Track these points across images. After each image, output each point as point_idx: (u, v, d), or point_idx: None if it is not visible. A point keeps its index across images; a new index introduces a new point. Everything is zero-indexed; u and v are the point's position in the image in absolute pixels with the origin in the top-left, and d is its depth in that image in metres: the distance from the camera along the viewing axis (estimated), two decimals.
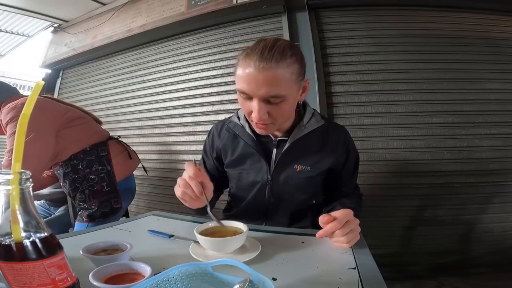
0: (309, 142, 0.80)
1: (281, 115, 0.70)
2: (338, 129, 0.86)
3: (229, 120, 0.89)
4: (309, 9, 1.84)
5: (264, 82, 0.62)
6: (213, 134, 0.93)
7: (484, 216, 1.64)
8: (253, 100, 0.66)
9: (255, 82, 0.62)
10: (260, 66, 0.61)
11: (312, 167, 0.80)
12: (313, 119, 0.82)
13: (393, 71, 1.74)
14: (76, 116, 1.31)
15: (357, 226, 0.60)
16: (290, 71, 0.64)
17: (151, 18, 2.31)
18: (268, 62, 0.61)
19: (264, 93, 0.63)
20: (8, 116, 1.16)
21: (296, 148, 0.80)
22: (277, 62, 0.62)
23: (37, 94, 0.35)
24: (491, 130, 1.67)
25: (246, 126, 0.83)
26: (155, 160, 2.28)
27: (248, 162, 0.84)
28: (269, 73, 0.61)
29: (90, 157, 1.28)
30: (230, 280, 0.39)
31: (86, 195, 1.27)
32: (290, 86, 0.66)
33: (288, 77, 0.64)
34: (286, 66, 0.63)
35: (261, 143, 0.83)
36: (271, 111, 0.67)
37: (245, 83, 0.64)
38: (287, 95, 0.65)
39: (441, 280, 1.57)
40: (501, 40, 1.75)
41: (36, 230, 0.32)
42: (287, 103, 0.68)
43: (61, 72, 2.99)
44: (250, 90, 0.64)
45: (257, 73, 0.61)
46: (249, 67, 0.63)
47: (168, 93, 2.25)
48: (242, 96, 0.67)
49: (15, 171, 0.32)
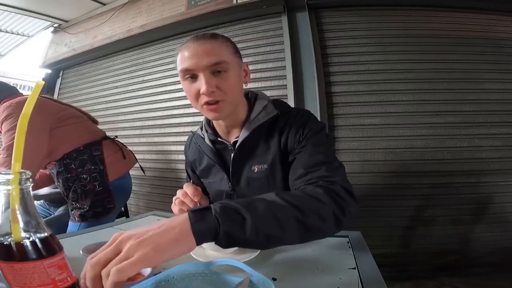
0: (259, 138, 0.74)
1: (230, 88, 0.69)
2: (289, 112, 0.76)
3: (195, 132, 0.90)
4: (309, 9, 1.84)
5: (204, 52, 0.66)
6: (186, 148, 0.95)
7: (484, 216, 1.64)
8: (198, 77, 0.67)
9: (196, 55, 0.66)
10: (198, 42, 0.67)
11: (270, 164, 0.73)
12: (263, 112, 0.75)
13: (393, 71, 1.74)
14: (70, 115, 1.30)
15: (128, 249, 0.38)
16: (225, 45, 0.69)
17: (151, 18, 2.32)
18: (204, 39, 0.68)
19: (207, 62, 0.66)
20: (4, 114, 1.16)
21: (247, 148, 0.75)
22: (211, 38, 0.68)
23: (37, 94, 0.35)
24: (491, 130, 1.66)
25: (205, 135, 0.82)
26: (155, 160, 2.28)
27: (212, 173, 0.83)
28: (208, 45, 0.67)
29: (83, 156, 1.28)
30: (230, 280, 0.39)
31: (78, 195, 1.26)
32: (230, 57, 0.69)
33: (225, 48, 0.69)
34: (220, 42, 0.69)
35: (219, 151, 0.81)
36: (218, 84, 0.67)
37: (187, 60, 0.67)
38: (229, 63, 0.68)
39: (441, 280, 1.57)
40: (501, 40, 1.75)
41: (36, 230, 0.32)
42: (232, 74, 0.69)
43: (61, 72, 2.99)
44: (193, 64, 0.66)
45: (196, 47, 0.67)
46: (188, 48, 0.67)
47: (168, 93, 2.25)
48: (188, 79, 0.69)
49: (15, 171, 0.32)
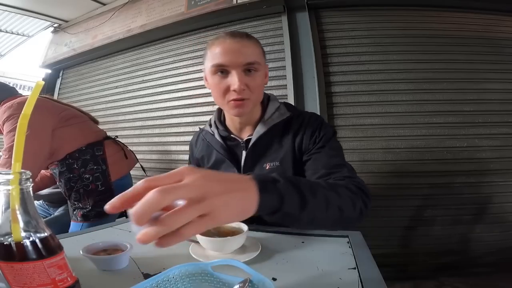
0: (273, 137, 0.77)
1: (256, 88, 0.72)
2: (302, 114, 0.80)
3: (203, 129, 0.90)
4: (309, 9, 1.84)
5: (242, 50, 0.67)
6: (192, 145, 0.95)
7: (484, 216, 1.64)
8: (230, 74, 0.69)
9: (233, 52, 0.67)
10: (235, 40, 0.68)
11: (281, 162, 0.76)
12: (276, 113, 0.79)
13: (393, 71, 1.74)
14: (71, 115, 1.30)
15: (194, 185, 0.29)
16: (258, 46, 0.73)
17: (151, 18, 2.31)
18: (240, 37, 0.69)
19: (243, 60, 0.67)
20: (5, 115, 1.16)
21: (261, 146, 0.77)
22: (247, 37, 0.71)
23: (37, 94, 0.35)
24: (491, 130, 1.66)
25: (216, 132, 0.83)
26: (155, 160, 2.28)
27: (221, 168, 0.83)
28: (245, 43, 0.69)
29: (85, 156, 1.28)
30: (230, 280, 0.39)
31: (80, 195, 1.26)
32: (260, 58, 0.72)
33: (258, 50, 0.72)
34: (254, 43, 0.72)
35: (230, 148, 0.81)
36: (248, 83, 0.69)
37: (222, 56, 0.67)
38: (260, 64, 0.71)
39: (441, 280, 1.58)
40: (501, 40, 1.75)
41: (36, 230, 0.32)
42: (260, 75, 0.72)
43: (61, 72, 2.99)
44: (229, 60, 0.67)
45: (233, 43, 0.67)
46: (224, 43, 0.68)
47: (168, 93, 2.25)
48: (218, 74, 0.70)
49: (15, 171, 0.32)
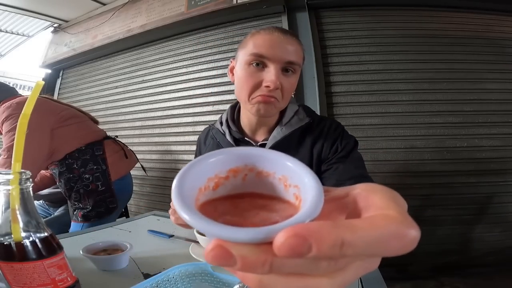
0: (290, 143, 0.73)
1: (287, 92, 0.68)
2: (323, 120, 0.75)
3: (213, 126, 0.87)
4: (309, 9, 1.84)
5: (287, 47, 0.63)
6: (200, 142, 0.91)
7: (484, 216, 1.64)
8: (267, 68, 0.64)
9: (278, 46, 0.63)
10: (283, 35, 0.64)
11: None
12: (295, 117, 0.74)
13: (393, 71, 1.74)
14: (71, 115, 1.30)
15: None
16: (302, 49, 0.68)
17: (151, 18, 2.31)
18: (291, 34, 0.66)
19: (286, 56, 0.63)
20: (4, 115, 1.16)
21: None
22: (295, 37, 0.67)
23: (37, 94, 0.35)
24: (491, 130, 1.66)
25: (227, 132, 0.80)
26: (155, 160, 2.28)
27: None
28: (292, 41, 0.65)
29: (85, 156, 1.27)
30: (230, 280, 0.39)
31: (80, 195, 1.26)
32: (301, 61, 0.67)
33: (301, 53, 0.67)
34: (300, 44, 0.68)
35: None
36: (283, 82, 0.65)
37: (265, 47, 0.63)
38: (300, 66, 0.67)
39: (441, 280, 1.57)
40: (501, 40, 1.75)
41: (36, 230, 0.32)
42: (296, 78, 0.68)
43: (61, 72, 2.99)
44: (273, 53, 0.62)
45: (280, 38, 0.63)
46: (271, 35, 0.64)
47: (168, 93, 2.25)
48: (253, 66, 0.65)
49: (15, 171, 0.32)
